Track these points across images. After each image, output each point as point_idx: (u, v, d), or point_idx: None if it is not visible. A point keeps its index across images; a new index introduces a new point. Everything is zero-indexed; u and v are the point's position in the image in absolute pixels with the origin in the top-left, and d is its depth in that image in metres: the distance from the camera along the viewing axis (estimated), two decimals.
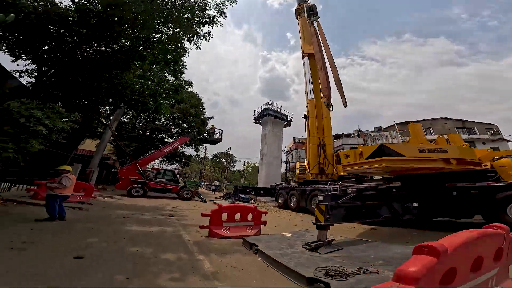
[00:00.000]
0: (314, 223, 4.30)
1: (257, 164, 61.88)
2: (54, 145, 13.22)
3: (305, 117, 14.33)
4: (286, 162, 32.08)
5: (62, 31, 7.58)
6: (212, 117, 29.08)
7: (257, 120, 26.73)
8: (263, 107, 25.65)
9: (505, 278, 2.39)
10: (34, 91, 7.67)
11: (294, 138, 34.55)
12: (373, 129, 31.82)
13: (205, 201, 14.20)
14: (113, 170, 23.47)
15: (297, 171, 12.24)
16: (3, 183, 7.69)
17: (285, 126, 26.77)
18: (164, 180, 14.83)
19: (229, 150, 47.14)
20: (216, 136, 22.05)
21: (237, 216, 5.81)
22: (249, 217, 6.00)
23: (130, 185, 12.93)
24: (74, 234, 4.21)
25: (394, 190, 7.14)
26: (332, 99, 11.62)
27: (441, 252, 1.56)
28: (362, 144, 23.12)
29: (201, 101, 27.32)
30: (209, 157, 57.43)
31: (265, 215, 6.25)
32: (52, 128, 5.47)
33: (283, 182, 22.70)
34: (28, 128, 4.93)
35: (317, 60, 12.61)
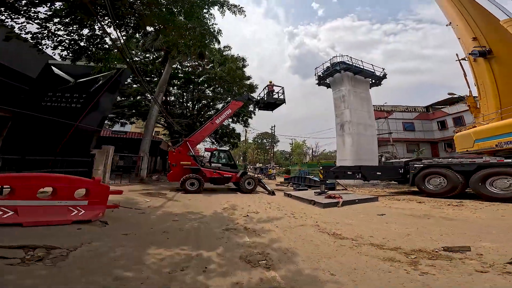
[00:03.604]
0: None
1: (303, 142, 53.88)
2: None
3: (482, 53, 8.12)
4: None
5: None
6: (257, 87, 22.39)
7: (321, 80, 19.79)
8: (329, 63, 18.78)
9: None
10: None
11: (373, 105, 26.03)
12: None
13: (274, 193, 10.21)
14: (167, 157, 21.62)
15: None
16: None
17: (371, 86, 19.53)
18: (220, 165, 11.58)
19: (273, 129, 41.35)
20: (275, 96, 13.45)
21: None
22: None
23: (184, 175, 9.83)
24: None
25: None
26: None
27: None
28: None
29: (245, 62, 22.05)
30: (250, 140, 54.43)
31: None
32: None
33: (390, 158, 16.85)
34: None
35: None
